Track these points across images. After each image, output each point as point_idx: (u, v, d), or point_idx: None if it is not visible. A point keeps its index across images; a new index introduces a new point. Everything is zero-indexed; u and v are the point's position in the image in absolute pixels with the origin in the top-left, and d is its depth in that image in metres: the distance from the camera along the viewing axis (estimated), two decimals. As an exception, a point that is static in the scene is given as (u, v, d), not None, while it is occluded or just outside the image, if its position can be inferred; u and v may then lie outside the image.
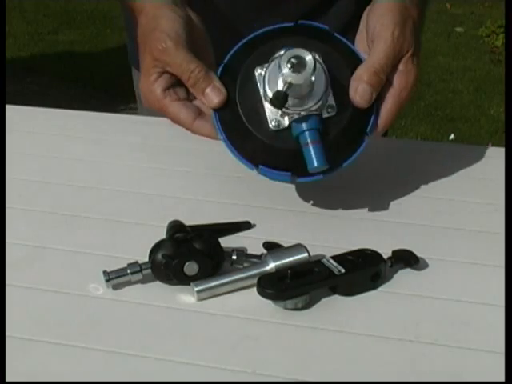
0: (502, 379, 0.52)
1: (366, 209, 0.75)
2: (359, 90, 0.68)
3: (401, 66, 0.69)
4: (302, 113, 0.66)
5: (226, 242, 0.66)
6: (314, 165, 0.66)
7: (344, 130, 0.68)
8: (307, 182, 0.70)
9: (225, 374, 0.55)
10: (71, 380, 0.54)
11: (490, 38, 3.95)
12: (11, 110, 0.96)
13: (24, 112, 1.03)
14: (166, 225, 0.67)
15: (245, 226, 0.72)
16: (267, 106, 0.67)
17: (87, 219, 0.75)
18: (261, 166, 0.68)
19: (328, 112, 0.68)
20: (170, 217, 0.69)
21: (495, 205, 0.76)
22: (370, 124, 0.69)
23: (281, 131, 0.67)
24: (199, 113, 0.70)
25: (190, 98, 0.71)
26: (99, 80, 3.51)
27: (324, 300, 0.62)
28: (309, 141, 0.66)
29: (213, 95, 0.68)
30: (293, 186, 0.79)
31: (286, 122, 0.67)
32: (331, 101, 0.68)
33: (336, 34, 0.72)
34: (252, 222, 0.73)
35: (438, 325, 0.60)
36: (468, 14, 4.33)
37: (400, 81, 0.69)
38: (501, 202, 0.74)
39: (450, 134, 2.93)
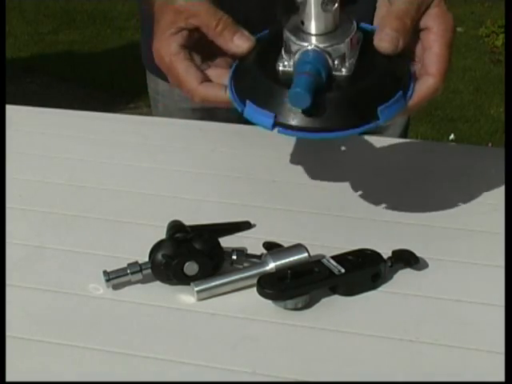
0: (502, 379, 0.52)
1: (366, 209, 0.75)
2: (382, 35, 0.63)
3: (433, 10, 0.65)
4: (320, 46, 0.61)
5: (226, 242, 0.66)
6: (296, 89, 0.58)
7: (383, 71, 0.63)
8: (286, 135, 0.63)
9: (225, 373, 0.55)
10: (71, 380, 0.54)
11: (490, 38, 3.94)
12: (11, 110, 0.96)
13: (24, 112, 1.03)
14: (165, 225, 0.67)
15: (245, 225, 0.72)
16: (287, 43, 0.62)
17: (87, 219, 0.75)
18: (248, 102, 0.62)
19: (343, 71, 0.62)
20: (170, 217, 0.69)
21: (495, 205, 0.76)
22: (410, 89, 0.63)
23: (286, 73, 0.62)
24: (208, 80, 0.67)
25: (203, 67, 0.68)
26: (99, 80, 3.51)
27: (324, 300, 0.62)
28: (306, 70, 0.60)
29: (241, 41, 0.65)
30: (292, 186, 0.79)
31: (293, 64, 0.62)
32: (354, 53, 0.63)
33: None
34: (252, 222, 0.73)
35: (437, 325, 0.60)
36: (468, 14, 4.32)
37: (439, 22, 0.64)
38: (501, 202, 0.74)
39: (450, 134, 2.93)
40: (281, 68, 0.63)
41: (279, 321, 0.60)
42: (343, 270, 0.62)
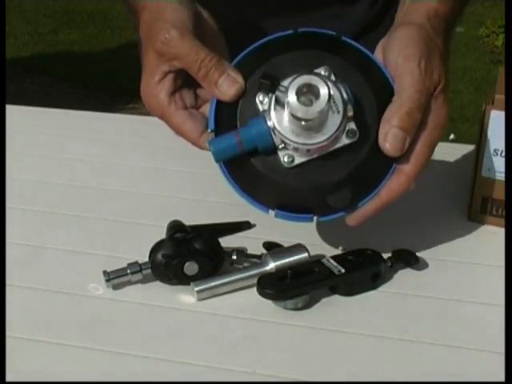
0: (502, 379, 0.52)
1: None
2: (389, 135, 0.57)
3: (431, 103, 0.59)
4: (313, 147, 0.56)
5: (226, 242, 0.66)
6: (214, 145, 0.58)
7: (365, 161, 0.58)
8: (328, 221, 0.61)
9: (225, 374, 0.55)
10: (71, 380, 0.54)
11: (490, 38, 3.94)
12: (11, 110, 0.96)
13: (24, 112, 1.03)
14: (166, 225, 0.67)
15: (245, 225, 0.72)
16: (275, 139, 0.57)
17: (87, 219, 0.75)
18: (277, 210, 0.60)
19: (348, 137, 0.57)
20: (170, 217, 0.69)
21: (495, 205, 0.76)
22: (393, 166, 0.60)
23: (296, 167, 0.58)
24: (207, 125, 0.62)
25: (198, 104, 0.64)
26: (99, 80, 3.51)
27: (324, 300, 0.62)
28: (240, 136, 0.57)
29: (227, 85, 0.59)
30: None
31: (300, 156, 0.57)
32: (352, 124, 0.57)
33: (345, 38, 0.61)
34: (252, 222, 0.73)
35: (437, 325, 0.60)
36: (468, 13, 4.32)
37: (431, 119, 0.59)
38: (501, 202, 0.74)
39: (450, 134, 2.93)
40: (286, 160, 0.58)
41: (279, 321, 0.60)
42: (343, 270, 0.62)
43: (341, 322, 0.60)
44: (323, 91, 0.54)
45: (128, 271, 0.63)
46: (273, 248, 0.66)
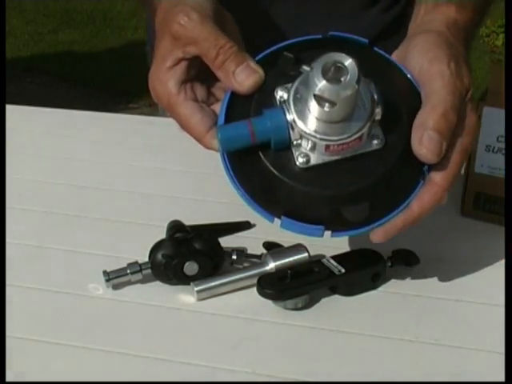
0: (502, 379, 0.52)
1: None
2: (425, 139, 0.52)
3: (463, 107, 0.55)
4: (334, 143, 0.51)
5: (226, 242, 0.66)
6: (222, 131, 0.52)
7: (391, 172, 0.53)
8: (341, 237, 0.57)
9: (225, 373, 0.55)
10: (71, 380, 0.54)
11: (490, 37, 3.94)
12: (11, 110, 0.96)
13: (24, 112, 1.03)
14: (166, 225, 0.67)
15: (245, 225, 0.72)
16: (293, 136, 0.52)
17: (87, 219, 0.75)
18: (284, 218, 0.53)
19: (373, 144, 0.52)
20: (170, 217, 0.69)
21: (495, 205, 0.76)
22: (426, 169, 0.54)
23: (311, 170, 0.52)
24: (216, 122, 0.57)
25: (209, 101, 0.59)
26: (99, 80, 3.51)
27: (324, 300, 0.62)
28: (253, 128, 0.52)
29: (245, 75, 0.54)
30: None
31: (316, 158, 0.52)
32: (378, 130, 0.52)
33: (378, 50, 0.57)
34: (252, 222, 0.72)
35: (437, 325, 0.60)
36: (468, 13, 4.33)
37: (463, 124, 0.54)
38: (501, 202, 0.74)
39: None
40: (301, 161, 0.52)
41: (279, 321, 0.60)
42: (343, 270, 0.62)
43: (341, 322, 0.60)
44: (353, 71, 0.48)
45: (128, 271, 0.63)
46: (273, 248, 0.66)
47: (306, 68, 0.51)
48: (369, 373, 0.55)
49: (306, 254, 0.64)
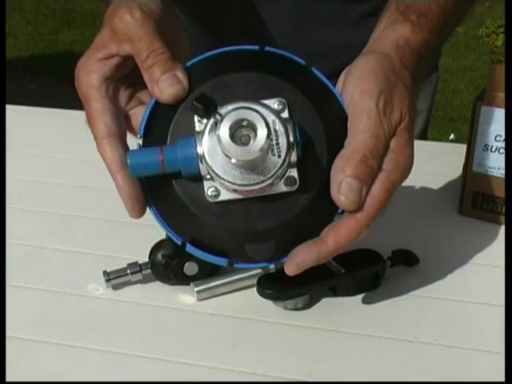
0: (502, 379, 0.52)
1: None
2: (343, 186, 0.50)
3: (391, 143, 0.52)
4: (242, 188, 0.49)
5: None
6: (132, 158, 0.51)
7: (302, 214, 0.51)
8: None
9: (225, 373, 0.55)
10: (71, 380, 0.54)
11: (489, 38, 3.95)
12: (11, 110, 0.96)
13: (24, 112, 1.03)
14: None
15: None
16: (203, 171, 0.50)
17: (87, 219, 0.75)
18: (189, 245, 0.52)
19: (286, 187, 0.50)
20: (170, 217, 0.68)
21: (495, 205, 0.76)
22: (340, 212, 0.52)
23: (220, 203, 0.51)
24: (120, 133, 0.55)
25: (130, 105, 0.57)
26: (99, 80, 3.50)
27: (324, 300, 0.62)
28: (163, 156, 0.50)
29: (168, 83, 0.52)
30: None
31: (226, 193, 0.51)
32: (294, 171, 0.50)
33: (315, 70, 0.54)
34: (252, 222, 0.72)
35: (437, 325, 0.60)
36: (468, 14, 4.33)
37: (389, 160, 0.51)
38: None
39: (449, 134, 2.93)
40: (210, 194, 0.51)
41: (279, 321, 0.60)
42: (343, 270, 0.62)
43: (341, 322, 0.60)
44: (261, 133, 0.47)
45: (128, 271, 0.63)
46: (273, 248, 0.66)
47: (218, 117, 0.49)
48: (369, 373, 0.55)
49: (305, 254, 0.64)
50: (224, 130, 0.47)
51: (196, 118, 0.50)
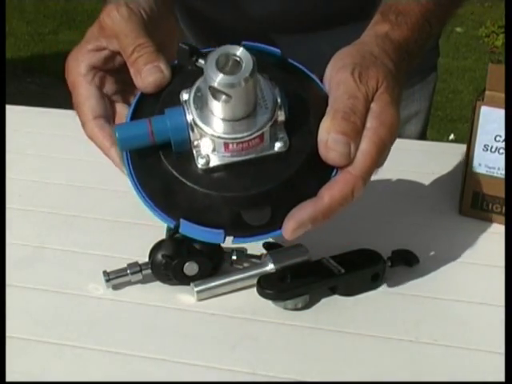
0: (502, 379, 0.52)
1: (366, 209, 0.75)
2: (330, 142, 0.50)
3: (373, 105, 0.53)
4: (233, 141, 0.49)
5: (226, 241, 0.66)
6: (119, 130, 0.51)
7: (296, 176, 0.50)
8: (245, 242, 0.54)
9: (225, 373, 0.55)
10: (71, 380, 0.54)
11: (489, 38, 3.94)
12: (11, 110, 0.96)
13: (24, 112, 1.03)
14: (166, 225, 0.67)
15: (245, 226, 0.72)
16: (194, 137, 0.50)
17: (87, 219, 0.75)
18: (182, 221, 0.51)
19: (276, 147, 0.50)
20: (170, 217, 0.68)
21: (495, 205, 0.76)
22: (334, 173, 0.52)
23: (211, 171, 0.50)
24: (107, 117, 0.57)
25: (116, 96, 0.60)
26: (99, 80, 3.51)
27: (324, 300, 0.62)
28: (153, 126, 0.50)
29: (148, 73, 0.54)
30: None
31: (216, 158, 0.50)
32: (283, 133, 0.50)
33: (291, 60, 0.56)
34: (252, 222, 0.72)
35: (437, 325, 0.60)
36: (468, 14, 4.32)
37: (373, 119, 0.52)
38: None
39: (449, 134, 2.93)
40: (202, 162, 0.50)
41: (279, 321, 0.60)
42: (343, 270, 0.62)
43: (341, 322, 0.60)
44: (247, 63, 0.47)
45: (128, 271, 0.63)
46: (273, 248, 0.66)
47: (201, 62, 0.50)
48: (369, 373, 0.55)
49: (306, 255, 0.64)
50: (211, 66, 0.47)
51: (182, 98, 0.51)
